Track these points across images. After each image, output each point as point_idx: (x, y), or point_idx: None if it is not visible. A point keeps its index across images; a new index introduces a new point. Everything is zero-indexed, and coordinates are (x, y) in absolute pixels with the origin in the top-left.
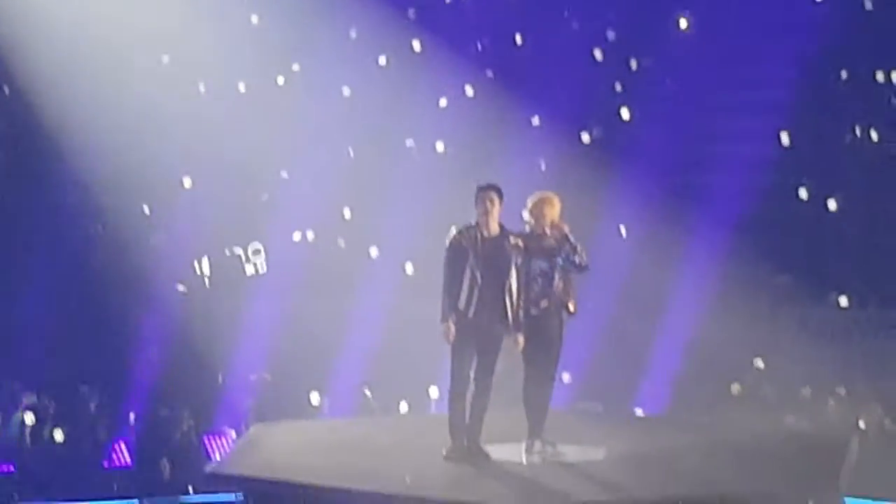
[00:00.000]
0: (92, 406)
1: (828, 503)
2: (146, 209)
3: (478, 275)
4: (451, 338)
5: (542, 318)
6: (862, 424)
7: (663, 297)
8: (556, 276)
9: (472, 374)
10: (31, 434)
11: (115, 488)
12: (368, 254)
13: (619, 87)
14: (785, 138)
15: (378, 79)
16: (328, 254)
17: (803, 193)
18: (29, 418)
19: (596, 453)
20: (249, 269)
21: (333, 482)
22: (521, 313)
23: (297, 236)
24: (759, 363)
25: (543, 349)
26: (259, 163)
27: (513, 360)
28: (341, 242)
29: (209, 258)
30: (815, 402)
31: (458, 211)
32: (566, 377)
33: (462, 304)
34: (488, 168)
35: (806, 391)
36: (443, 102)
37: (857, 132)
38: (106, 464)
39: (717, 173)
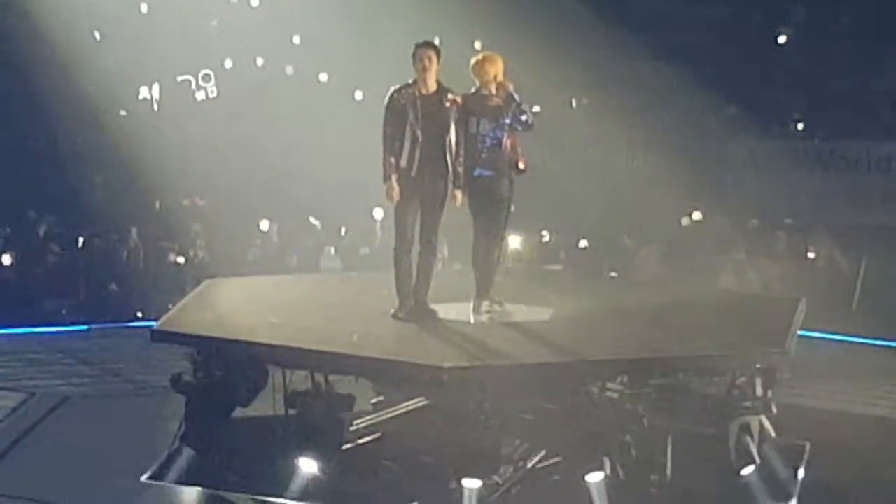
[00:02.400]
0: (40, 231)
1: (774, 367)
2: (97, 35)
3: (418, 133)
4: (396, 196)
5: (490, 179)
6: (811, 255)
7: (615, 130)
8: (504, 136)
9: (417, 232)
10: None
11: (65, 313)
12: (318, 80)
13: None
14: None
15: None
16: (277, 80)
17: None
18: None
19: (543, 313)
20: (200, 95)
21: (282, 340)
22: (459, 170)
23: (247, 62)
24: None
25: (492, 209)
26: None
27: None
28: (289, 69)
29: (159, 84)
30: (764, 234)
31: (410, 38)
32: None
33: (404, 162)
34: None
35: (755, 223)
36: None
37: None
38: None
39: (667, 4)
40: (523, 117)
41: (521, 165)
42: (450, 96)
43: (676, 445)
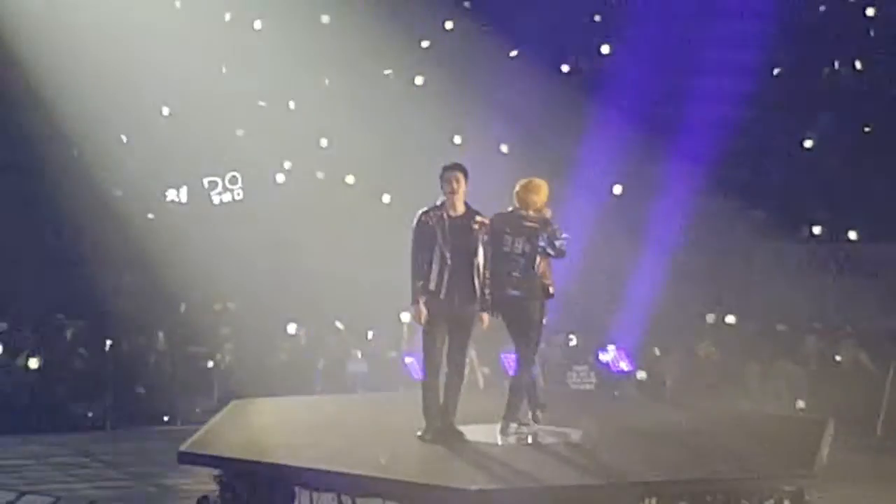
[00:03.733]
0: (68, 334)
1: (802, 489)
2: (123, 138)
3: (447, 255)
4: (423, 319)
5: (523, 299)
6: (838, 358)
7: (638, 230)
8: (537, 258)
9: (445, 355)
10: (4, 363)
11: (91, 416)
12: (344, 182)
13: (598, 18)
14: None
15: (357, 8)
16: (305, 183)
17: (778, 127)
18: None
19: (570, 435)
20: (227, 197)
21: (309, 463)
22: (486, 292)
23: (273, 166)
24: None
25: (523, 330)
26: (236, 92)
27: None
28: (320, 174)
29: (186, 186)
30: (793, 338)
31: (436, 143)
32: None
33: (433, 285)
34: (466, 99)
35: (782, 328)
36: (424, 42)
37: (836, 65)
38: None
39: (694, 105)
40: (557, 243)
41: (551, 290)
42: (478, 218)
43: None
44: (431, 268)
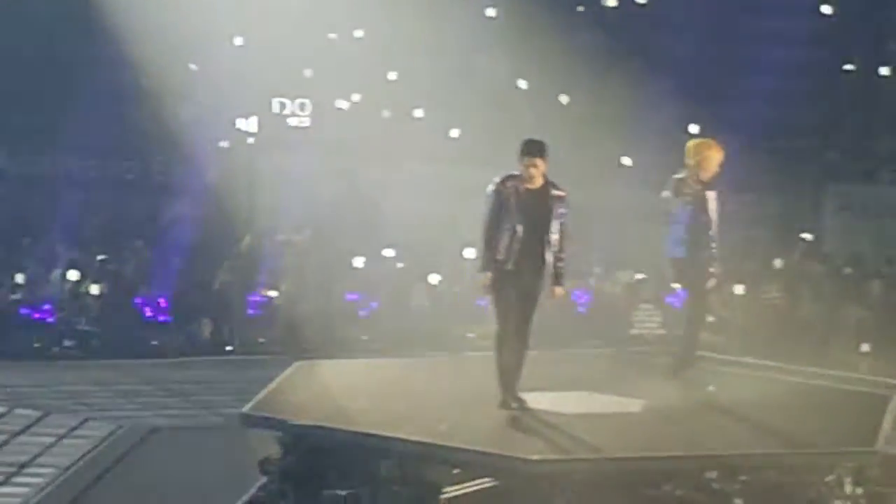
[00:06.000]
0: (133, 262)
1: (864, 465)
2: (192, 66)
3: (518, 227)
4: (488, 290)
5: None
6: None
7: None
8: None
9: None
10: (72, 290)
11: (155, 345)
12: (412, 116)
13: None
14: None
15: None
16: (373, 116)
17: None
18: (73, 275)
19: (634, 405)
20: (293, 122)
21: (369, 428)
22: (560, 265)
23: (342, 97)
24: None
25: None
26: (307, 25)
27: None
28: (387, 107)
29: (256, 116)
30: (860, 283)
31: (509, 79)
32: None
33: (501, 255)
34: (542, 36)
35: (849, 271)
36: None
37: None
38: (146, 320)
39: (763, 46)
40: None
41: None
42: (555, 192)
43: None
44: (502, 238)
